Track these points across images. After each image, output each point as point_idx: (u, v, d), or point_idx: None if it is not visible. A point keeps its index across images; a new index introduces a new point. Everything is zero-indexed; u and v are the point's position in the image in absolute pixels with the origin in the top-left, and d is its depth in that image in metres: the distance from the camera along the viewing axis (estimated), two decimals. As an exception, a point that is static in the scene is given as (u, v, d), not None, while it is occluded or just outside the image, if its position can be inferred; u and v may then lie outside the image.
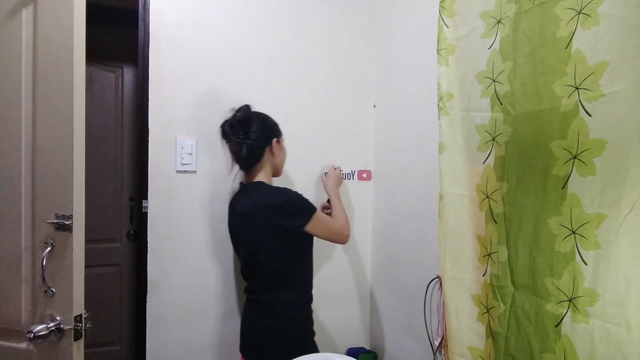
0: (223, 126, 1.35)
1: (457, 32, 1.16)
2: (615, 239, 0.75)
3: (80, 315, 1.02)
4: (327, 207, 1.62)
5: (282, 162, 1.44)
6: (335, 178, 1.62)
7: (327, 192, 1.59)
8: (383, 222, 1.74)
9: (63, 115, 1.00)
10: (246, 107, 1.36)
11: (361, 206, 1.81)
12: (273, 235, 1.27)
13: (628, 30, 0.73)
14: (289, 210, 1.28)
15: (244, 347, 1.36)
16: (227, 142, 1.36)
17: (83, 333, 1.03)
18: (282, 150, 1.42)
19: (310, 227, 1.29)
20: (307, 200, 1.32)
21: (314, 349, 1.35)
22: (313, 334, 1.38)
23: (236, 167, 1.39)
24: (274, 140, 1.37)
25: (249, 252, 1.34)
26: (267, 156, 1.36)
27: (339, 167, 1.70)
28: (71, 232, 1.00)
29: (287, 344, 1.27)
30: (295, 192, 1.33)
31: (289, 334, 1.29)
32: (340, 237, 1.43)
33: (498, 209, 1.03)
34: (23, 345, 1.05)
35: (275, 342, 1.28)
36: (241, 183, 1.41)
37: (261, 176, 1.35)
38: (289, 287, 1.31)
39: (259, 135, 1.34)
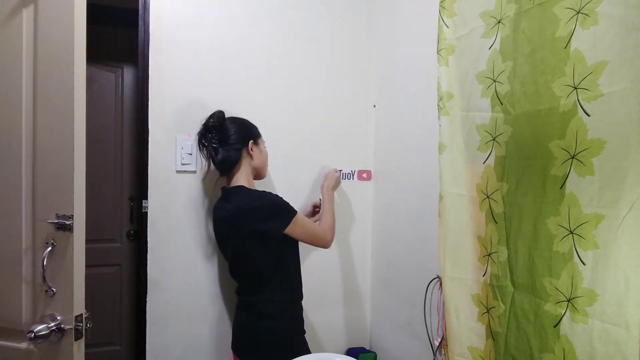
0: (198, 134, 1.37)
1: (457, 32, 1.16)
2: (614, 239, 0.75)
3: (81, 315, 1.02)
4: (318, 206, 1.61)
5: (263, 164, 1.42)
6: (332, 179, 1.59)
7: (321, 192, 1.57)
8: (383, 222, 1.74)
9: (63, 115, 1.00)
10: (219, 113, 1.37)
11: (361, 206, 1.81)
12: (253, 239, 1.27)
13: (627, 30, 0.73)
14: (267, 213, 1.26)
15: (234, 345, 1.37)
16: (203, 148, 1.37)
17: (83, 333, 1.03)
18: (261, 152, 1.41)
19: (289, 231, 1.28)
20: (286, 203, 1.31)
21: (302, 347, 1.35)
22: (302, 332, 1.37)
23: (211, 169, 1.40)
24: (251, 142, 1.36)
25: (232, 256, 1.34)
26: (244, 159, 1.36)
27: (339, 171, 1.69)
28: (72, 232, 1.00)
29: (274, 344, 1.28)
30: (275, 196, 1.32)
31: (276, 333, 1.29)
32: (321, 242, 1.38)
33: (498, 209, 1.03)
34: (24, 345, 1.05)
35: (262, 341, 1.28)
36: (223, 188, 1.41)
37: (241, 180, 1.34)
38: (273, 288, 1.30)
39: (235, 139, 1.34)
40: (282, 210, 1.29)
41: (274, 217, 1.27)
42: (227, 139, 1.34)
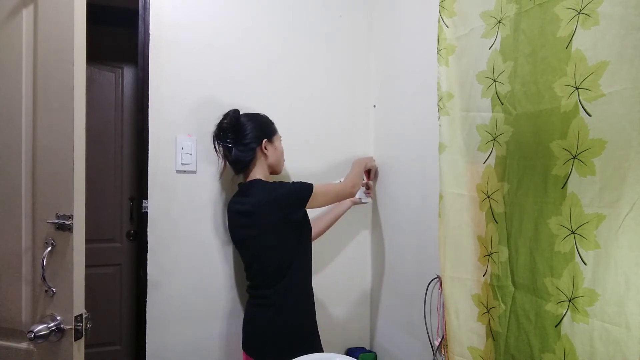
0: (212, 134, 1.39)
1: (457, 32, 1.16)
2: (614, 239, 0.75)
3: (81, 315, 1.02)
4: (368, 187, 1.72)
5: (278, 161, 1.45)
6: (367, 159, 1.69)
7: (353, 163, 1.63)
8: (383, 222, 1.74)
9: (63, 115, 1.00)
10: (233, 112, 1.38)
11: (361, 206, 1.80)
12: (274, 231, 1.29)
13: (628, 30, 0.73)
14: (287, 201, 1.31)
15: (247, 343, 1.37)
16: (219, 147, 1.39)
17: (83, 333, 1.03)
18: (275, 149, 1.42)
19: (311, 205, 1.35)
20: (301, 184, 1.35)
21: (316, 341, 1.36)
22: (315, 327, 1.39)
23: (227, 168, 1.44)
24: (264, 141, 1.38)
25: (251, 250, 1.35)
26: (259, 157, 1.38)
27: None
28: (71, 232, 1.00)
29: (289, 337, 1.29)
30: (289, 183, 1.35)
31: (291, 327, 1.30)
32: (343, 196, 1.49)
33: (499, 208, 1.03)
34: (23, 345, 1.05)
35: (278, 335, 1.29)
36: (239, 184, 1.42)
37: (257, 175, 1.37)
38: (289, 281, 1.32)
39: (249, 138, 1.36)
40: (298, 194, 1.33)
41: (294, 202, 1.32)
42: (241, 139, 1.36)
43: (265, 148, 1.37)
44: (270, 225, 1.29)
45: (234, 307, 1.58)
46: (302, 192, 1.33)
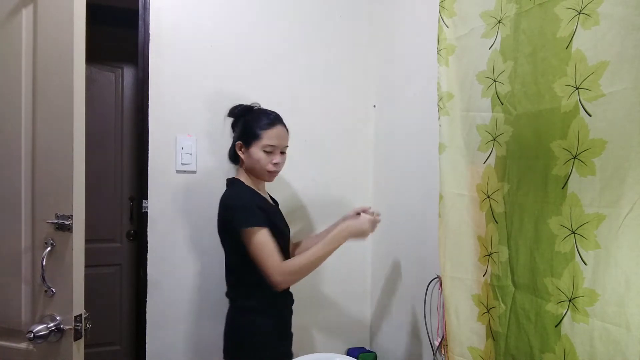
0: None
1: (457, 32, 1.16)
2: (614, 239, 0.75)
3: (81, 315, 1.02)
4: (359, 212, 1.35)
5: (252, 169, 1.29)
6: (359, 225, 1.28)
7: (335, 226, 1.30)
8: (383, 222, 1.73)
9: (63, 115, 1.00)
10: (235, 107, 1.37)
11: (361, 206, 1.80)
12: (227, 233, 1.26)
13: (628, 30, 0.73)
14: (231, 214, 1.22)
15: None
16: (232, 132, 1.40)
17: (83, 333, 1.03)
18: (250, 157, 1.28)
19: (243, 240, 1.18)
20: (252, 214, 1.19)
21: (284, 345, 1.31)
22: (284, 336, 1.32)
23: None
24: (238, 143, 1.30)
25: (223, 247, 1.31)
26: (239, 157, 1.32)
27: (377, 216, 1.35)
28: (71, 232, 0.99)
29: (250, 339, 1.24)
30: (245, 201, 1.24)
31: (261, 329, 1.24)
32: (265, 276, 1.16)
33: (499, 208, 1.03)
34: (23, 345, 1.04)
35: (242, 339, 1.25)
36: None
37: (240, 174, 1.33)
38: (253, 282, 1.21)
39: (235, 136, 1.35)
40: (242, 217, 1.20)
41: (234, 220, 1.21)
42: (234, 134, 1.36)
43: (239, 150, 1.31)
44: (223, 227, 1.26)
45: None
46: (245, 221, 1.17)
